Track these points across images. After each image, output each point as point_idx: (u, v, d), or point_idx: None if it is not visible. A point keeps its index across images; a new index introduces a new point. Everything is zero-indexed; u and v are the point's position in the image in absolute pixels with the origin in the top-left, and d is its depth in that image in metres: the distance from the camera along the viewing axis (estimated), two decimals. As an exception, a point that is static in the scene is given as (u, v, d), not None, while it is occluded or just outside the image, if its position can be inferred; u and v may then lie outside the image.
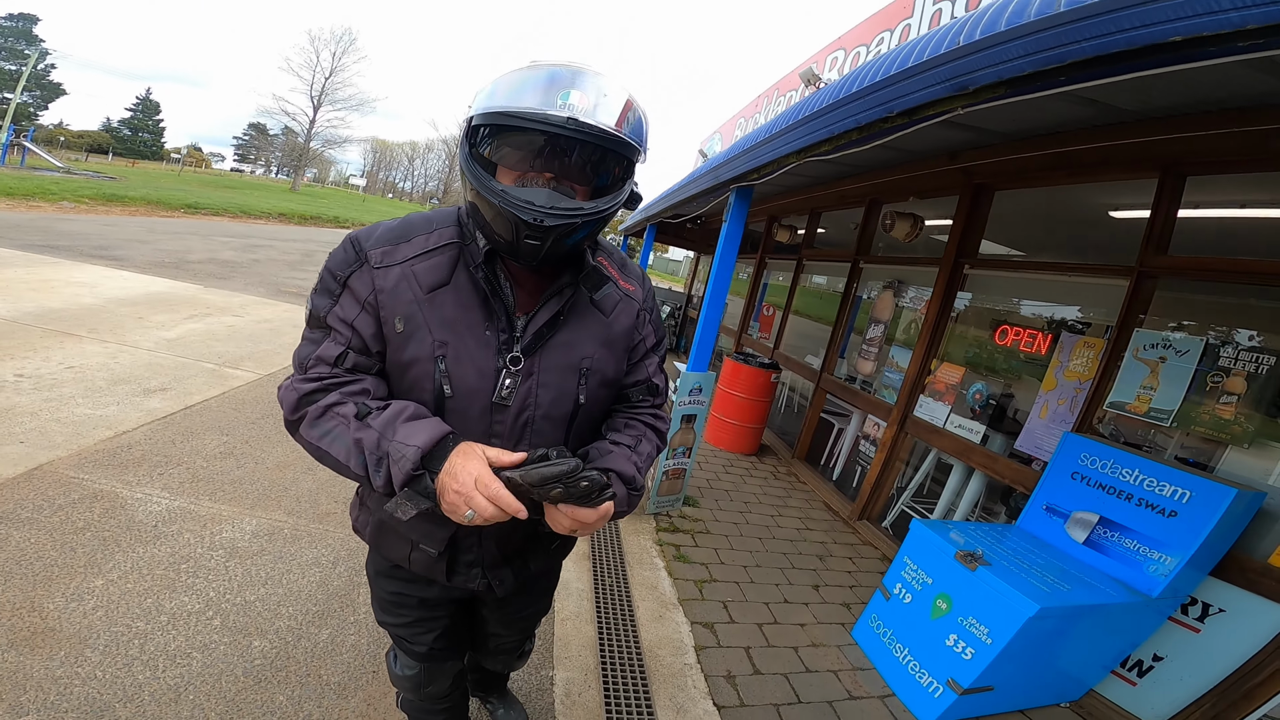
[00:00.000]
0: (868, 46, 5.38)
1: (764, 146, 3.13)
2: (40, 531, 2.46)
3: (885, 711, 2.37)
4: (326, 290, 1.02)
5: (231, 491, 3.05)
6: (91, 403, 3.77)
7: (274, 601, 2.29)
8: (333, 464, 0.97)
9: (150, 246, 10.94)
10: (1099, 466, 2.75)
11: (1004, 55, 1.50)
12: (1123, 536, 2.57)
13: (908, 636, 2.56)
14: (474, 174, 0.94)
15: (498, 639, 1.49)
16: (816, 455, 5.61)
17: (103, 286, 7.00)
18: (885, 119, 2.07)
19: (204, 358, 5.10)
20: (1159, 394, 2.87)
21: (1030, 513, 2.93)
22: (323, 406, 0.98)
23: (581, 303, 1.09)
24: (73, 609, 2.06)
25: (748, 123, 8.43)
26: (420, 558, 1.17)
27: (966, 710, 2.36)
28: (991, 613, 2.26)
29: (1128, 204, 3.42)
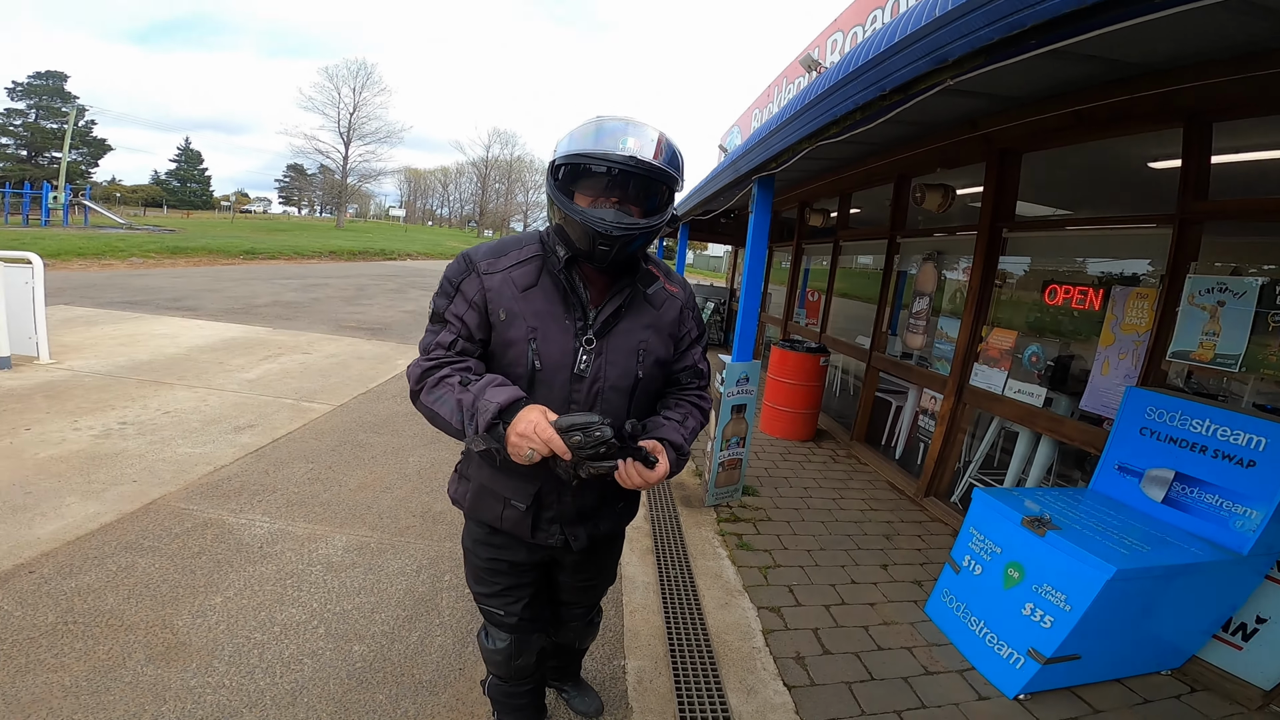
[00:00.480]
0: (863, 26, 5.34)
1: (776, 136, 3.17)
2: (162, 557, 2.74)
3: (964, 685, 2.37)
4: (444, 293, 1.36)
5: (322, 512, 3.30)
6: (190, 442, 4.12)
7: (368, 609, 2.48)
8: (442, 423, 1.27)
9: (219, 294, 11.68)
10: (1167, 419, 2.67)
11: (970, 26, 1.54)
12: (1203, 492, 2.49)
13: (981, 608, 2.54)
14: (560, 201, 1.27)
15: (569, 609, 1.74)
16: (876, 435, 5.56)
17: (183, 336, 7.55)
18: (882, 96, 2.10)
19: (282, 394, 5.46)
20: (1222, 339, 2.78)
21: (1102, 473, 2.87)
22: (438, 379, 1.29)
23: (638, 298, 1.40)
24: (199, 624, 2.30)
25: (762, 113, 8.40)
26: (511, 514, 1.43)
27: (1053, 680, 2.31)
28: (1067, 578, 2.23)
29: (1158, 154, 3.34)
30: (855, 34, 5.46)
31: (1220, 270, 2.92)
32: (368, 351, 7.59)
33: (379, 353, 7.60)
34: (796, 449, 5.34)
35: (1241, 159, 2.96)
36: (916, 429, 4.97)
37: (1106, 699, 2.32)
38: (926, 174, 4.95)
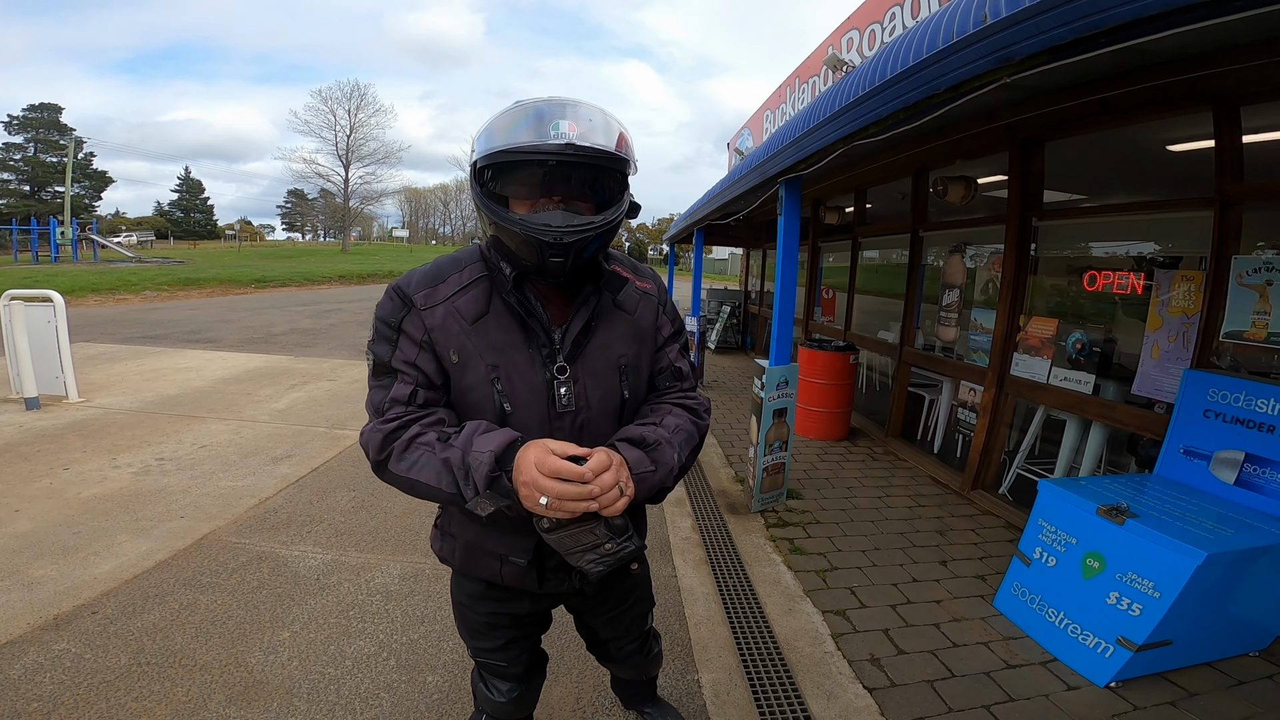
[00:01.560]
0: (881, 24, 5.32)
1: (809, 137, 3.15)
2: (223, 593, 2.73)
3: (1050, 676, 2.32)
4: (384, 338, 1.13)
5: (371, 541, 3.29)
6: (231, 476, 4.12)
7: (435, 637, 2.46)
8: (424, 490, 1.04)
9: (236, 325, 11.77)
10: (1232, 401, 2.62)
11: (1044, 25, 1.51)
12: (1275, 472, 2.44)
13: (1060, 600, 2.49)
14: (491, 210, 1.05)
15: (616, 644, 1.58)
16: (911, 430, 5.51)
17: (207, 369, 7.60)
18: (932, 96, 2.09)
19: (314, 423, 5.47)
20: (1275, 317, 2.74)
21: (1168, 458, 2.81)
22: (407, 440, 1.06)
23: (607, 307, 1.20)
24: (271, 661, 2.28)
25: (775, 114, 8.39)
26: (511, 570, 1.25)
27: (1145, 667, 2.27)
28: (1154, 566, 2.18)
29: (1188, 137, 3.31)
30: (873, 31, 5.45)
31: (1261, 249, 2.88)
32: (390, 374, 7.60)
33: (402, 375, 7.60)
34: (832, 449, 5.30)
35: (1271, 139, 2.93)
36: (955, 421, 4.91)
37: (1199, 682, 2.27)
38: (945, 166, 4.92)
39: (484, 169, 1.05)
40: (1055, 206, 4.17)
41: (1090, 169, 4.24)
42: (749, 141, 9.74)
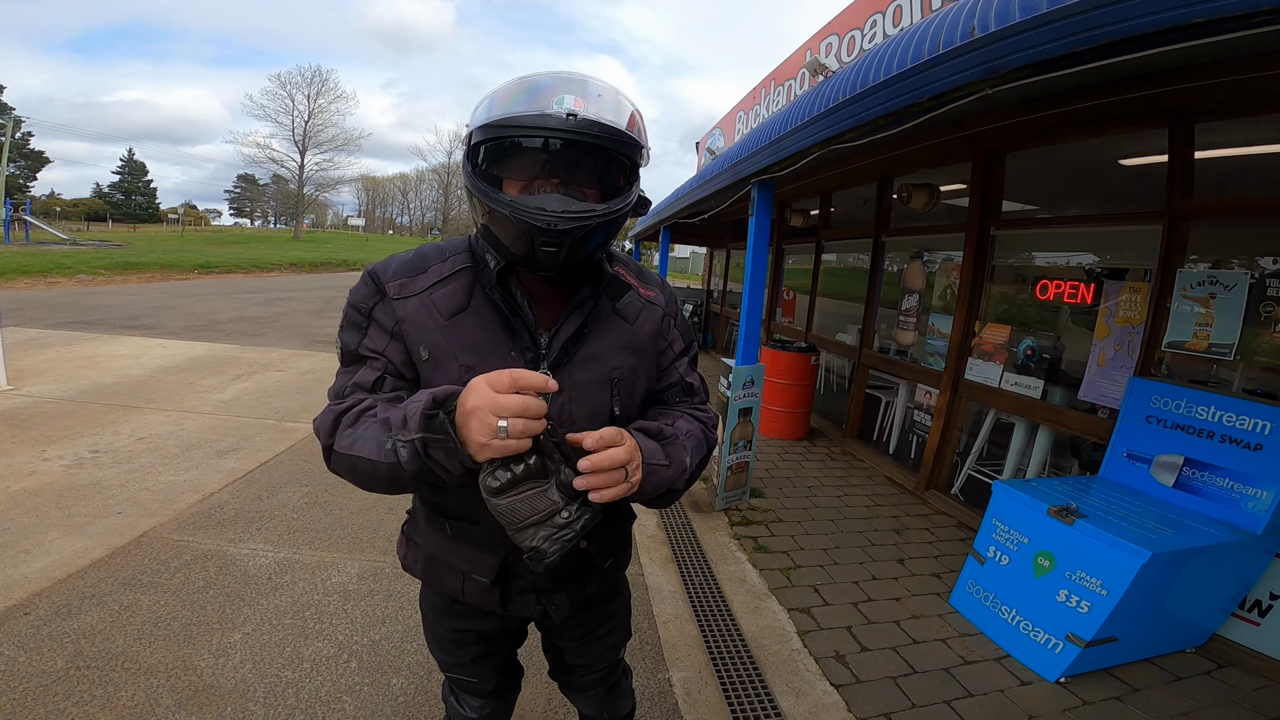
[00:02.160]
0: (861, 30, 5.41)
1: (788, 139, 3.18)
2: (166, 593, 2.59)
3: (1004, 672, 2.41)
4: (353, 325, 1.03)
5: (327, 538, 3.17)
6: (171, 469, 3.91)
7: (398, 638, 2.39)
8: (366, 469, 0.90)
9: (177, 311, 11.21)
10: (1173, 407, 2.76)
11: (1034, 40, 1.56)
12: (1213, 475, 2.58)
13: (1012, 597, 2.59)
14: (481, 190, 0.93)
15: (581, 671, 1.42)
16: (868, 431, 5.64)
17: (145, 357, 7.21)
18: (915, 104, 2.13)
19: (262, 415, 5.25)
20: (1216, 329, 2.89)
21: (1112, 461, 2.95)
22: (356, 413, 0.94)
23: (604, 313, 1.08)
24: (222, 664, 2.17)
25: (749, 115, 8.46)
26: (474, 588, 1.15)
27: (1092, 663, 2.37)
28: (1102, 564, 2.28)
29: (1143, 152, 3.45)
30: (853, 38, 5.53)
31: (1208, 263, 3.04)
32: (344, 366, 7.36)
33: (356, 367, 7.36)
34: (793, 448, 5.38)
35: (1221, 155, 3.09)
36: (910, 423, 5.05)
37: (1142, 678, 2.39)
38: (910, 173, 5.04)
39: (478, 146, 0.94)
40: (1013, 216, 4.33)
41: (1047, 181, 4.41)
42: (720, 141, 9.80)
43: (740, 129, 8.74)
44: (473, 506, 1.07)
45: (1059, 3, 1.44)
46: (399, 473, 0.86)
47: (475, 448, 0.81)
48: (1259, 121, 2.82)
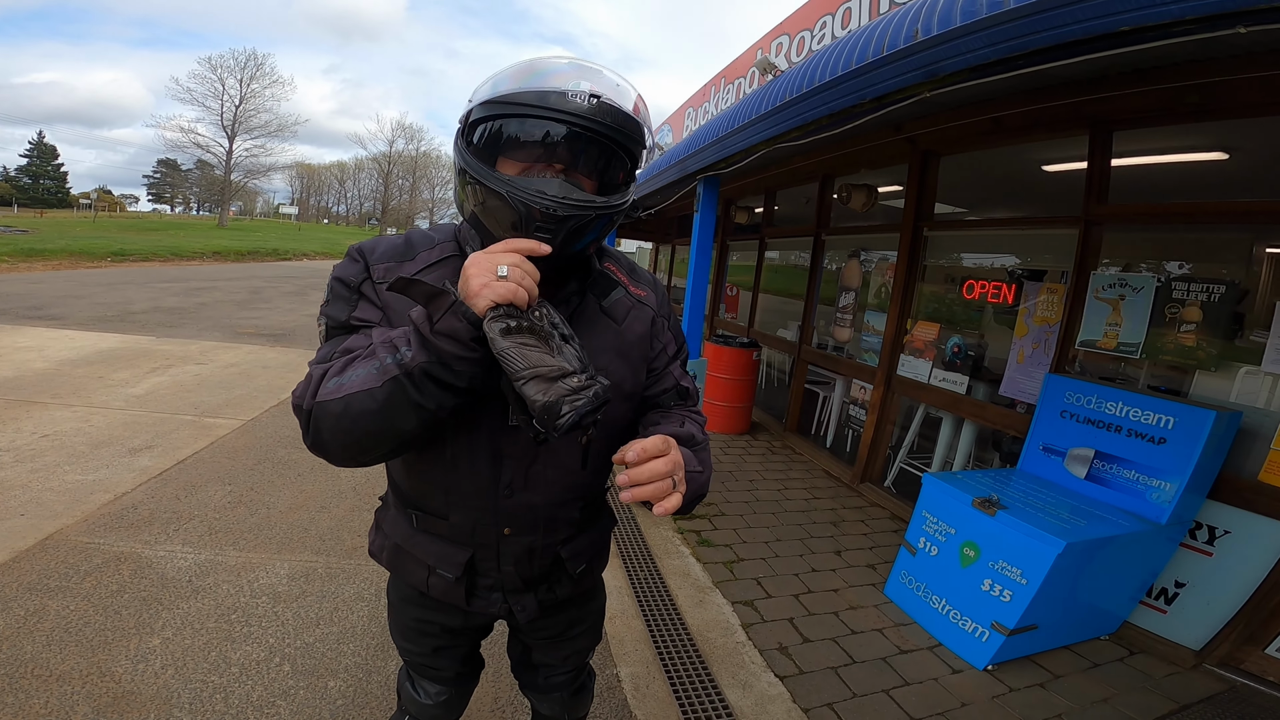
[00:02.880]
0: (811, 31, 5.53)
1: (734, 137, 3.23)
2: (76, 599, 2.41)
3: (937, 661, 2.51)
4: (341, 299, 0.98)
5: (253, 539, 3.01)
6: (79, 468, 3.64)
7: (334, 640, 2.29)
8: (361, 404, 0.82)
9: (86, 301, 10.41)
10: (1084, 403, 2.95)
11: (970, 45, 1.64)
12: (1121, 468, 2.76)
13: (942, 587, 2.70)
14: (476, 170, 0.88)
15: (548, 671, 1.40)
16: (807, 426, 5.79)
17: (51, 349, 6.67)
18: (858, 105, 2.20)
19: (180, 410, 4.94)
20: (1125, 329, 3.09)
21: (1029, 454, 3.12)
22: (344, 361, 0.87)
23: (590, 311, 1.03)
24: (142, 670, 2.03)
25: (697, 112, 8.52)
26: (438, 583, 1.12)
27: (1016, 650, 2.49)
28: (1021, 554, 2.40)
29: (1065, 158, 3.65)
30: (803, 38, 5.63)
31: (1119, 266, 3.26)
32: (273, 359, 7.00)
33: (286, 360, 7.02)
34: (734, 442, 5.47)
35: (1136, 163, 3.30)
36: (846, 418, 5.22)
37: (1062, 665, 2.53)
38: (851, 174, 5.20)
39: (478, 123, 0.90)
40: (945, 218, 4.52)
41: (978, 185, 4.63)
42: (668, 137, 9.83)
43: (689, 125, 8.80)
44: (442, 500, 1.07)
45: (997, 9, 1.51)
46: (401, 389, 0.80)
47: (476, 290, 0.77)
48: (1173, 131, 3.02)
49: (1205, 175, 3.20)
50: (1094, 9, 1.35)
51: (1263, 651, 2.46)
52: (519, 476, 1.03)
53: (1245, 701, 2.35)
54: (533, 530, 1.08)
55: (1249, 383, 2.71)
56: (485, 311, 0.78)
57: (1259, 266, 2.89)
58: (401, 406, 0.82)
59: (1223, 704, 2.34)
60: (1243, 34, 1.26)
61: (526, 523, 1.07)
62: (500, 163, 0.90)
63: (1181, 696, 2.38)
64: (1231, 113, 2.67)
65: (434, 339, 0.79)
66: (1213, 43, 2.19)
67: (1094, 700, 2.33)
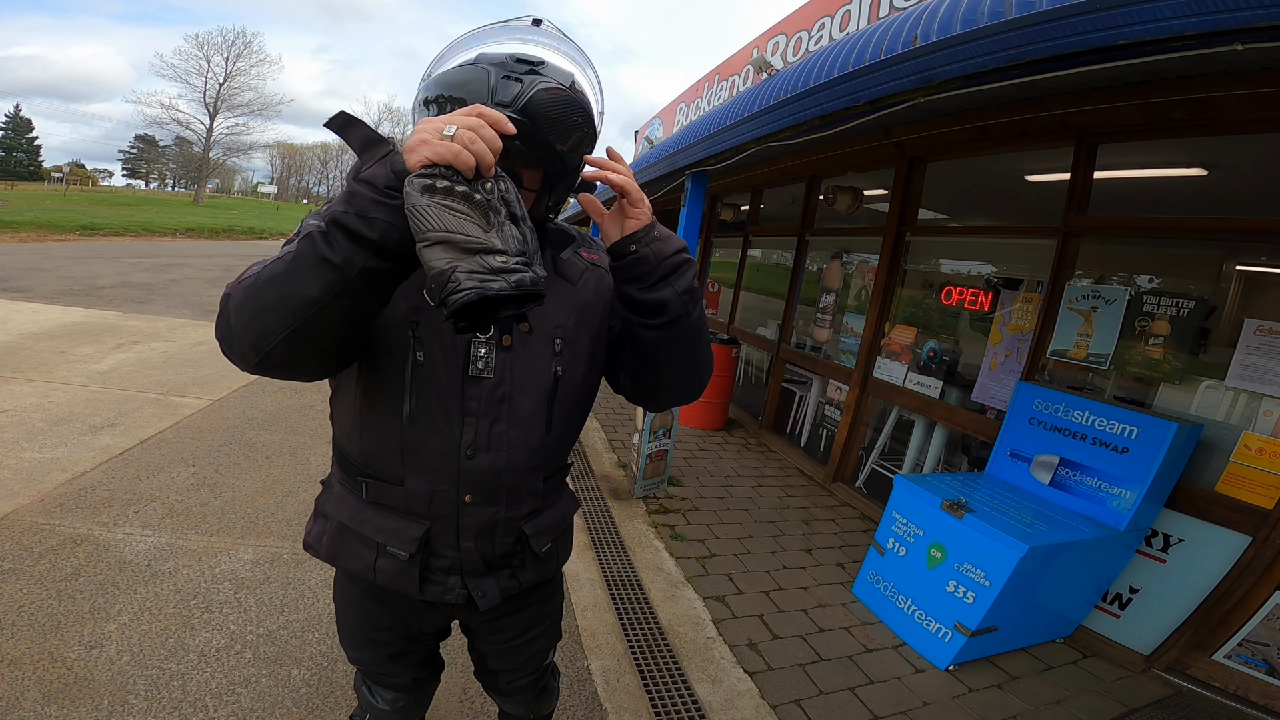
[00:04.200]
0: (809, 32, 5.53)
1: (726, 133, 3.22)
2: (29, 581, 2.34)
3: (901, 660, 2.54)
4: (317, 214, 0.86)
5: (216, 523, 2.94)
6: (36, 446, 3.52)
7: (298, 628, 2.25)
8: (269, 275, 0.76)
9: (52, 274, 10.10)
10: (1052, 411, 3.00)
11: (969, 53, 1.64)
12: (1084, 475, 2.82)
13: (908, 588, 2.74)
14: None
15: (507, 677, 1.34)
16: (782, 424, 5.82)
17: (13, 322, 6.46)
18: (851, 107, 2.20)
19: (144, 388, 4.81)
20: (1095, 340, 3.15)
21: (997, 459, 3.17)
22: (275, 257, 0.79)
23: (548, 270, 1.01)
24: (96, 656, 1.98)
25: (689, 108, 8.49)
26: (387, 565, 1.04)
27: (976, 651, 2.53)
28: (985, 557, 2.44)
29: (1048, 169, 3.68)
30: (800, 39, 5.62)
31: (1093, 278, 3.32)
32: (245, 340, 6.86)
33: (259, 342, 6.87)
34: (710, 438, 5.49)
35: (1118, 176, 3.35)
36: (821, 417, 5.26)
37: (1019, 666, 2.58)
38: (838, 176, 5.22)
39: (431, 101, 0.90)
40: (927, 224, 4.56)
41: (962, 192, 4.68)
42: (659, 131, 9.79)
43: (681, 120, 8.78)
44: (397, 459, 0.99)
45: (998, 18, 1.52)
46: (311, 245, 0.73)
47: (413, 145, 0.71)
48: (1155, 145, 3.06)
49: (1183, 191, 3.27)
50: (1094, 22, 1.36)
51: (1210, 658, 2.53)
52: (482, 436, 0.99)
53: (1190, 707, 2.41)
54: (495, 499, 1.03)
55: (1210, 396, 2.78)
56: (416, 167, 0.70)
57: (1227, 283, 2.96)
58: (308, 263, 0.73)
59: (1169, 708, 2.40)
60: (1239, 51, 1.28)
61: (489, 489, 1.01)
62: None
63: (1130, 700, 2.44)
64: (1213, 129, 2.71)
65: (355, 185, 0.73)
66: (1206, 59, 2.24)
67: (1048, 702, 2.38)
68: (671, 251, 0.94)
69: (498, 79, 0.85)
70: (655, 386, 1.07)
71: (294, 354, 0.79)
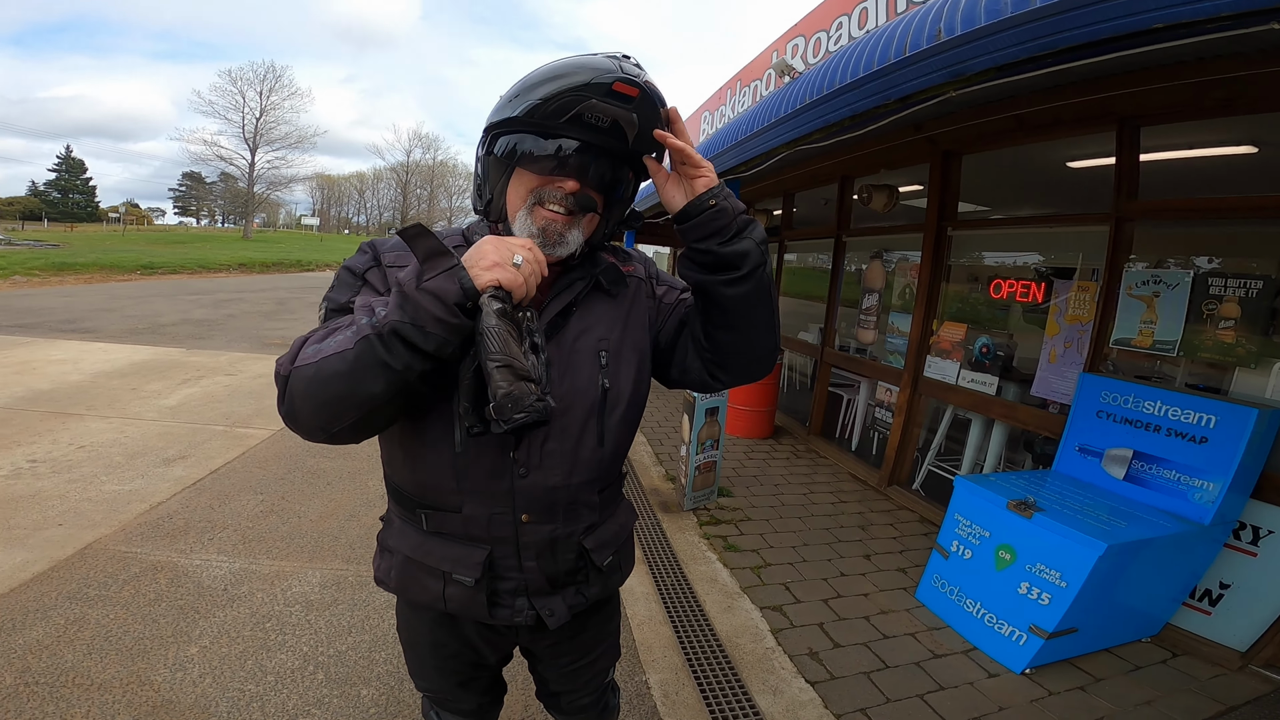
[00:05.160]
0: (827, 32, 5.49)
1: (754, 140, 3.20)
2: (115, 607, 2.47)
3: (972, 664, 2.46)
4: (345, 285, 0.99)
5: (285, 547, 3.05)
6: (115, 479, 3.72)
7: (365, 649, 2.31)
8: (332, 367, 0.81)
9: (118, 314, 10.69)
10: (1121, 402, 2.88)
11: (997, 45, 1.60)
12: (1160, 468, 2.69)
13: (976, 591, 2.65)
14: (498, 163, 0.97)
15: (569, 698, 1.35)
16: (831, 429, 5.73)
17: (85, 361, 6.85)
18: (882, 106, 2.16)
19: (212, 420, 5.04)
20: (1160, 326, 3.01)
21: (1064, 455, 3.05)
22: (328, 329, 0.87)
23: (592, 292, 1.08)
24: (180, 679, 2.08)
25: (714, 116, 8.49)
26: (456, 593, 1.06)
27: (1055, 654, 2.43)
28: (1060, 556, 2.35)
29: (1091, 154, 3.57)
30: (819, 40, 5.59)
31: (1152, 262, 3.18)
32: (300, 369, 7.13)
33: (313, 370, 7.13)
34: (758, 447, 5.43)
35: (1164, 158, 3.23)
36: (872, 420, 5.16)
37: (1103, 668, 2.47)
38: (869, 175, 5.15)
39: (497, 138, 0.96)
40: (969, 217, 4.46)
41: (1001, 183, 4.56)
42: (684, 142, 9.80)
43: (705, 129, 8.78)
44: (453, 487, 1.01)
45: (1023, 7, 1.49)
46: (371, 349, 0.79)
47: (485, 266, 0.80)
48: (1198, 126, 2.96)
49: (1235, 170, 3.13)
50: (1124, 6, 1.32)
51: (1312, 653, 2.38)
52: (534, 453, 1.00)
53: (1294, 704, 2.27)
54: (551, 516, 1.04)
55: (1290, 379, 2.63)
56: (486, 288, 0.80)
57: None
58: (369, 366, 0.80)
59: (1270, 705, 2.28)
60: (1276, 29, 1.22)
61: (545, 506, 1.03)
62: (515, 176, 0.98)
63: (1227, 698, 2.32)
64: (1258, 107, 2.61)
65: (417, 295, 0.79)
66: (1241, 39, 2.14)
67: (1137, 703, 2.27)
68: (744, 207, 0.99)
69: (617, 65, 0.90)
70: (727, 354, 1.07)
71: (359, 433, 0.89)
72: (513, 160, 0.96)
